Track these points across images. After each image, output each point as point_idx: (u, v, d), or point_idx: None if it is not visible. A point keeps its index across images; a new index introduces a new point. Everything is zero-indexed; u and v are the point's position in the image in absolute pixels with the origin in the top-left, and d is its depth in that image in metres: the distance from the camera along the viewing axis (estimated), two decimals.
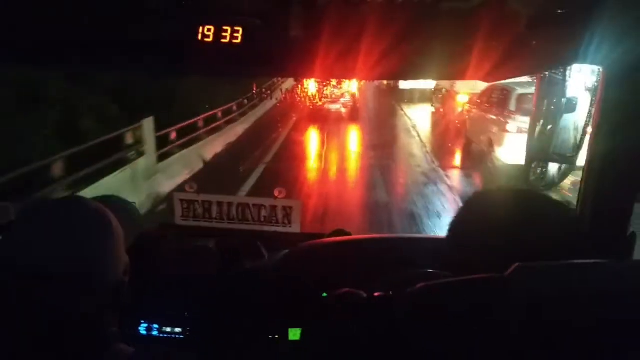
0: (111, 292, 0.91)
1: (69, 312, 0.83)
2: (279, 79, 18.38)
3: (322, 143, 13.76)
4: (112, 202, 1.15)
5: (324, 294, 1.63)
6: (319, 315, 1.40)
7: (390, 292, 1.10)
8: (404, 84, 20.98)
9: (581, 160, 1.43)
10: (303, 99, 18.43)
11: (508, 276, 0.73)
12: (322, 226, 6.27)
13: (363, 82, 17.53)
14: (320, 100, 17.19)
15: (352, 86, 17.61)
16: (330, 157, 12.09)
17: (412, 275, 1.07)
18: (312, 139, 14.83)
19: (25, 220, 0.90)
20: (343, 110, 17.30)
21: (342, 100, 17.36)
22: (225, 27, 1.17)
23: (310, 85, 17.44)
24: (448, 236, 0.98)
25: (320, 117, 16.60)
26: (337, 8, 1.19)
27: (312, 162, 11.79)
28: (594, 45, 1.10)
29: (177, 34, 1.18)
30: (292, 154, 12.33)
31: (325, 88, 17.10)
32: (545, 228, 0.89)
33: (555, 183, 7.77)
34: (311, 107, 17.39)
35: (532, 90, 1.57)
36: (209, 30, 1.17)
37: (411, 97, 21.59)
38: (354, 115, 17.03)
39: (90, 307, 0.87)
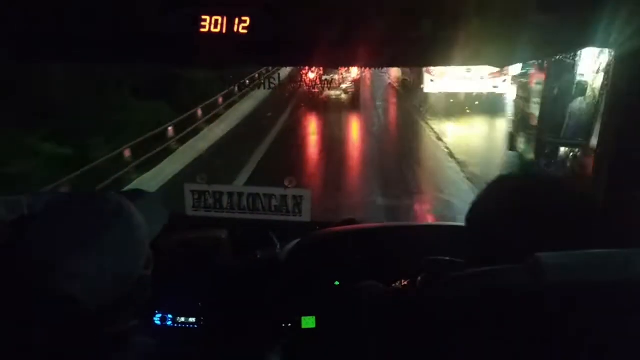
0: (131, 286, 0.91)
1: (86, 304, 0.83)
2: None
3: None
4: (136, 195, 1.15)
5: (337, 282, 1.64)
6: (332, 304, 1.41)
7: (407, 282, 1.10)
8: (429, 86, 13.81)
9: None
10: (300, 87, 17.30)
11: (525, 267, 0.73)
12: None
13: (366, 74, 16.96)
14: (323, 89, 16.55)
15: (353, 71, 16.57)
16: None
17: (426, 263, 1.07)
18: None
19: (45, 214, 0.91)
20: (344, 96, 16.82)
21: (342, 86, 16.89)
22: (233, 18, 1.17)
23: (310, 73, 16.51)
24: (467, 223, 0.97)
25: (320, 105, 15.53)
26: None
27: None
28: (604, 28, 1.09)
29: (184, 26, 1.18)
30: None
31: (326, 74, 16.29)
32: (565, 214, 0.88)
33: (566, 168, 7.66)
34: (310, 95, 16.74)
35: None
36: (216, 20, 1.17)
37: (444, 109, 13.20)
38: (355, 102, 16.61)
39: (108, 300, 0.87)
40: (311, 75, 15.78)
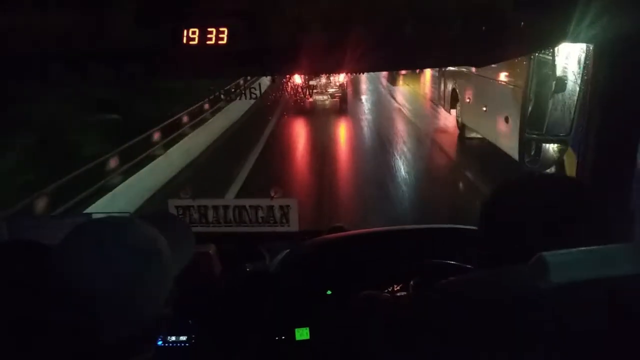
0: (147, 323, 0.89)
1: (100, 339, 0.82)
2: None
3: None
4: (170, 222, 1.10)
5: (329, 292, 1.62)
6: (326, 314, 1.38)
7: (399, 287, 1.08)
8: None
9: None
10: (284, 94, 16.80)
11: (530, 266, 0.72)
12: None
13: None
14: (307, 94, 16.34)
15: (340, 77, 16.41)
16: None
17: (419, 267, 1.06)
18: None
19: (75, 238, 0.86)
20: (330, 100, 16.71)
21: (329, 90, 16.82)
22: (210, 29, 1.15)
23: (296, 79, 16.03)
24: (481, 225, 0.95)
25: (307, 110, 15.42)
26: (321, 2, 1.17)
27: None
28: (582, 23, 1.09)
29: (161, 39, 1.16)
30: None
31: (312, 79, 16.05)
32: (578, 213, 0.87)
33: (550, 164, 7.69)
34: (296, 100, 16.57)
35: None
36: (193, 32, 1.15)
37: None
38: (342, 106, 16.55)
39: (123, 335, 0.85)
40: (298, 80, 15.51)
